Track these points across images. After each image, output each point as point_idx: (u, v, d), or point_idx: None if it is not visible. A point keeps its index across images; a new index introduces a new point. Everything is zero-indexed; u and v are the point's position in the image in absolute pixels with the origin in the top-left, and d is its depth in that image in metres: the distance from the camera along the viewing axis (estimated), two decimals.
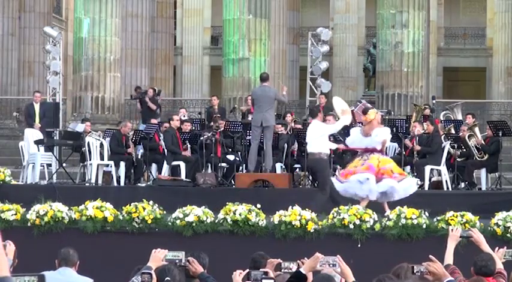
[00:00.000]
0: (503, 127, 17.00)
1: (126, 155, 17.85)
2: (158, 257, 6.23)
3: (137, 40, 28.39)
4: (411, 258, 5.78)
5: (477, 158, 16.95)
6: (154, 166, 17.84)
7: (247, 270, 5.56)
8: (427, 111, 19.55)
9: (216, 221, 13.09)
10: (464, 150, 17.25)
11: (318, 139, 14.34)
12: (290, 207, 13.02)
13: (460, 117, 20.18)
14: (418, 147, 16.62)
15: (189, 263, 6.37)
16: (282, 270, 5.77)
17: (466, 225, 12.51)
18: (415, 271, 5.34)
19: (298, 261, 5.75)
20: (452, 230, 6.70)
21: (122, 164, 17.52)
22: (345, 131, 17.62)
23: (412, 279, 5.44)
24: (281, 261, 5.86)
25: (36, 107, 20.28)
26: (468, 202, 14.57)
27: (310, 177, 17.29)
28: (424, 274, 5.34)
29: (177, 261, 6.15)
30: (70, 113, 25.93)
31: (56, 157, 18.50)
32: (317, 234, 12.74)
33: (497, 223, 12.62)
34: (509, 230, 12.50)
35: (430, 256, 5.50)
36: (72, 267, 7.79)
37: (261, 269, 5.79)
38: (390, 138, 14.81)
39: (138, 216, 13.18)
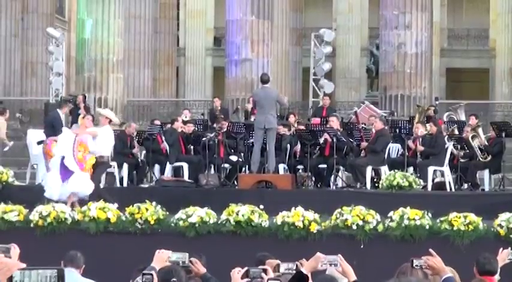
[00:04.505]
0: (506, 128, 16.97)
1: (131, 156, 17.83)
2: (162, 257, 6.21)
3: (140, 41, 28.40)
4: None
5: (480, 159, 16.92)
6: (157, 167, 17.83)
7: (246, 268, 5.53)
8: (431, 112, 19.53)
9: (219, 222, 13.09)
10: (468, 151, 17.22)
11: None
12: (293, 208, 13.01)
13: (463, 118, 20.17)
14: (421, 148, 16.59)
15: (191, 263, 6.34)
16: (281, 271, 5.74)
17: (469, 226, 12.51)
18: (414, 264, 5.34)
19: (297, 262, 5.72)
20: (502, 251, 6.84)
21: (125, 165, 17.50)
22: (347, 131, 17.63)
23: (415, 276, 5.44)
24: (279, 262, 5.83)
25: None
26: (471, 203, 14.56)
27: (313, 178, 17.29)
28: (423, 268, 5.34)
29: (180, 262, 6.12)
30: None
31: None
32: (320, 235, 12.73)
33: (500, 224, 12.60)
34: None
35: (430, 250, 5.48)
36: (77, 270, 7.77)
37: (260, 266, 5.75)
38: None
39: (141, 217, 13.18)
